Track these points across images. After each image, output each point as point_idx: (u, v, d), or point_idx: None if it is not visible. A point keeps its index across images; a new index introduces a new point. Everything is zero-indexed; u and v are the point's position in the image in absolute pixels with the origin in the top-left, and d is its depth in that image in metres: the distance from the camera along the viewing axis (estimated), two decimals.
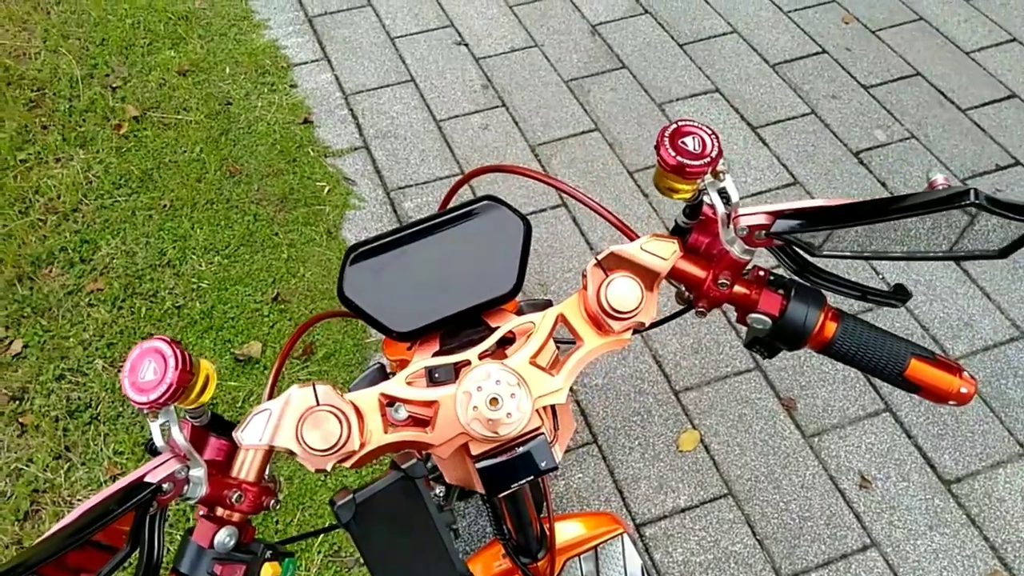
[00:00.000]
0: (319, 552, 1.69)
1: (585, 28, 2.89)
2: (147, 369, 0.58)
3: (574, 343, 0.70)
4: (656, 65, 2.76)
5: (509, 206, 0.76)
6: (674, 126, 0.64)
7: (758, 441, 1.90)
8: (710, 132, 0.64)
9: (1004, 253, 0.59)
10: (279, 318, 2.04)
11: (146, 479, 0.59)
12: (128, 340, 1.97)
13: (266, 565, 0.62)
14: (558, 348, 0.72)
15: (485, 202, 0.76)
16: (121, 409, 1.87)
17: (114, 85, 2.57)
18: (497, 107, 2.60)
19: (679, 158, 0.63)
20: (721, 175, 0.65)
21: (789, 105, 2.66)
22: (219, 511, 0.62)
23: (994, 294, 2.19)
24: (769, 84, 2.72)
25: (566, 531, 1.30)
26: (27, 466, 1.77)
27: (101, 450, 1.80)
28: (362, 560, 0.65)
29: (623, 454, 1.87)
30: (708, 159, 0.63)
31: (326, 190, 2.33)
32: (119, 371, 1.90)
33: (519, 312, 0.82)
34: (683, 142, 0.63)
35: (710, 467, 1.86)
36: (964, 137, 2.58)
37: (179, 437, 0.60)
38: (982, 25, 2.96)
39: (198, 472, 0.60)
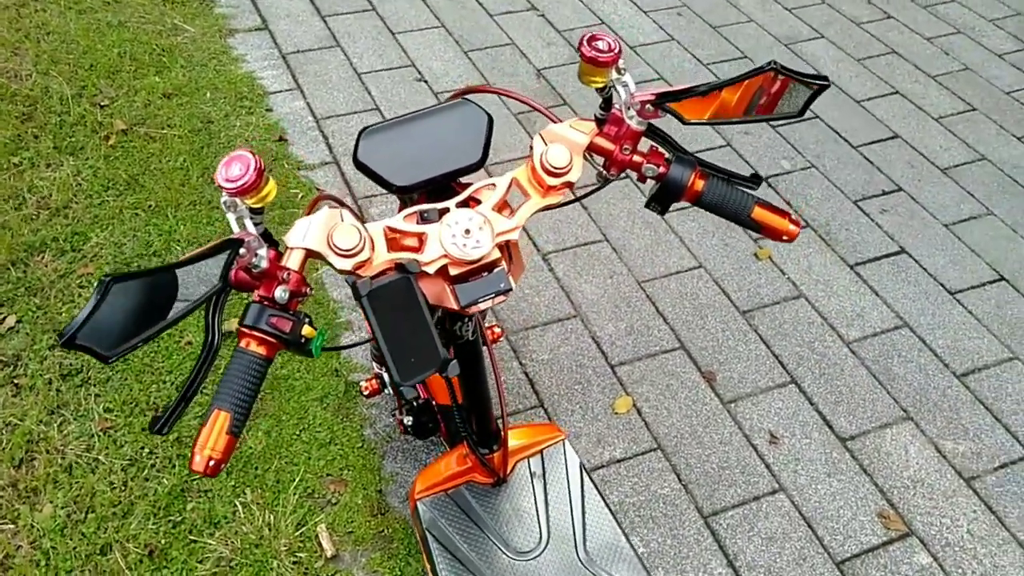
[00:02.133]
0: None
1: (531, 71, 3.27)
2: (234, 168, 0.83)
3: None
4: (594, 104, 3.11)
5: (478, 105, 1.05)
6: (589, 34, 0.95)
7: (683, 406, 2.18)
8: (614, 38, 0.95)
9: (801, 112, 0.90)
10: None
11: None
12: None
13: (305, 327, 0.85)
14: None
15: (460, 100, 1.04)
16: (111, 373, 2.04)
17: (102, 104, 2.80)
18: None
19: (593, 53, 0.93)
20: (623, 71, 0.95)
21: (708, 139, 3.05)
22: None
23: (881, 292, 2.55)
24: None
25: (516, 437, 1.54)
26: (21, 421, 1.92)
27: (92, 408, 1.96)
28: (371, 332, 0.88)
29: (566, 415, 2.12)
30: (613, 53, 0.93)
31: (299, 196, 2.59)
32: None
33: None
34: (595, 44, 0.93)
35: (641, 427, 2.12)
36: (856, 168, 3.01)
37: (250, 225, 0.84)
38: (870, 80, 3.45)
39: (262, 251, 0.84)
